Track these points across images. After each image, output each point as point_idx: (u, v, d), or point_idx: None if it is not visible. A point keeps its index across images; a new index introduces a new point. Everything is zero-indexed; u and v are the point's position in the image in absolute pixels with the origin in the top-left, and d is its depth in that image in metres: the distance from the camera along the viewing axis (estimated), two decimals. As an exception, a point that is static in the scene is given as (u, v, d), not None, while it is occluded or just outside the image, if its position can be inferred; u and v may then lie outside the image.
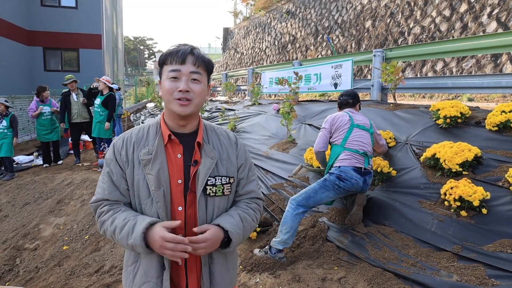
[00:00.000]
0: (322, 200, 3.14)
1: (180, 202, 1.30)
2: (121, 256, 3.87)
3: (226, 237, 1.29)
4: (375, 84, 5.68)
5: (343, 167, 3.09)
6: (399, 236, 2.96)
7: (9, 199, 6.24)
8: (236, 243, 1.31)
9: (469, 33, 8.99)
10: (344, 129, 3.27)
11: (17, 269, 4.32)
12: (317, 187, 3.11)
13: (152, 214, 1.28)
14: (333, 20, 14.96)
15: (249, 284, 2.78)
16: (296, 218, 3.02)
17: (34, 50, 14.77)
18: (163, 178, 1.28)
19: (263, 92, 8.87)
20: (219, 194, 1.33)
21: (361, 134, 3.26)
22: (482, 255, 2.49)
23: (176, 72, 1.26)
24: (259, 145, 5.47)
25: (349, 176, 3.05)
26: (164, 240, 1.16)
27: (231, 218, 1.33)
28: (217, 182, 1.32)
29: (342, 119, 3.33)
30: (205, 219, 1.31)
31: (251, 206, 1.44)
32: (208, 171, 1.31)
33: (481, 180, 3.02)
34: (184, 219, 1.30)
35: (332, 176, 3.10)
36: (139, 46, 65.32)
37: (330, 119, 3.37)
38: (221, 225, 1.28)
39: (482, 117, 3.77)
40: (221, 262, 1.36)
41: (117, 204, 1.32)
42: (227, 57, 26.28)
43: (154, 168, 1.28)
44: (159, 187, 1.27)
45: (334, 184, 3.07)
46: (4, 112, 7.24)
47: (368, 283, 2.55)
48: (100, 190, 1.33)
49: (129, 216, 1.25)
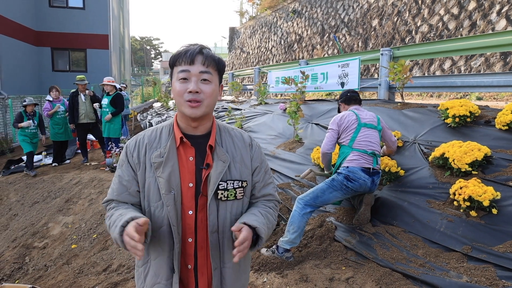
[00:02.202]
0: (330, 200, 3.12)
1: (191, 206, 1.28)
2: (128, 255, 3.89)
3: (254, 234, 1.24)
4: (383, 83, 5.64)
5: (352, 167, 3.06)
6: (407, 236, 2.93)
7: (18, 198, 6.31)
8: (265, 239, 1.27)
9: (478, 31, 8.89)
10: (352, 129, 3.23)
11: (26, 267, 4.37)
12: (324, 187, 3.09)
13: (162, 218, 1.27)
14: (339, 19, 14.88)
15: (256, 284, 2.78)
16: (303, 218, 3.01)
17: (42, 50, 14.92)
18: (174, 181, 1.26)
19: (270, 91, 8.86)
20: (231, 198, 1.31)
21: (369, 133, 3.22)
22: (492, 256, 2.46)
23: (185, 72, 1.24)
24: (266, 144, 5.47)
25: (357, 177, 3.03)
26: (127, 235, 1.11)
27: (254, 216, 1.29)
28: (229, 187, 1.30)
29: (349, 119, 3.27)
30: (216, 223, 1.29)
31: (269, 205, 1.42)
32: (220, 175, 1.28)
33: (491, 180, 2.98)
34: (194, 223, 1.29)
35: (340, 176, 3.08)
36: (145, 46, 65.66)
37: (337, 119, 3.32)
38: (247, 223, 1.23)
39: (492, 116, 3.72)
40: (233, 265, 1.34)
41: (125, 204, 1.32)
42: (233, 56, 26.29)
43: (165, 171, 1.26)
44: (170, 191, 1.26)
45: (342, 184, 3.05)
46: (33, 112, 7.45)
47: (376, 283, 2.54)
48: (110, 191, 1.34)
49: (123, 212, 1.23)
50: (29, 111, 7.41)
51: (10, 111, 11.44)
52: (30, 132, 7.44)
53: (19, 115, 7.40)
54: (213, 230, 1.30)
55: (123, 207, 1.29)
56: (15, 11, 12.80)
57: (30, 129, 7.43)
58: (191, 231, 1.28)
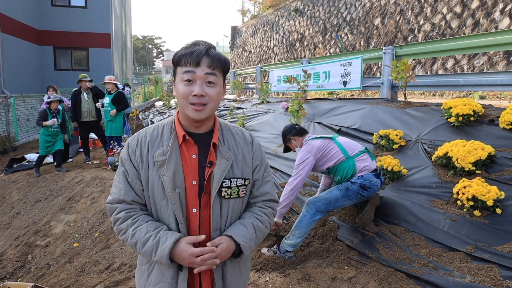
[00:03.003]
0: (342, 207, 3.09)
1: (195, 203, 1.28)
2: (130, 253, 3.89)
3: (237, 249, 1.28)
4: (385, 82, 5.62)
5: (366, 175, 2.98)
6: (410, 235, 2.92)
7: (20, 197, 6.32)
8: (247, 255, 1.31)
9: (481, 30, 8.84)
10: (332, 147, 3.08)
11: (28, 265, 4.38)
12: (339, 195, 2.97)
13: (168, 216, 1.27)
14: (341, 17, 14.84)
15: (258, 283, 2.77)
16: (312, 224, 2.98)
17: (44, 49, 14.94)
18: (178, 179, 1.26)
19: (272, 90, 8.85)
20: (234, 196, 1.31)
21: (342, 138, 3.21)
22: (496, 256, 2.45)
23: (190, 74, 1.21)
24: (268, 143, 5.46)
25: (372, 184, 2.97)
26: (194, 256, 1.18)
27: (244, 229, 1.31)
28: (232, 184, 1.29)
29: (319, 145, 3.09)
30: (219, 221, 1.30)
31: (266, 211, 1.41)
32: (223, 173, 1.28)
33: (495, 179, 2.96)
34: (198, 220, 1.29)
35: (355, 186, 2.96)
36: (147, 45, 65.66)
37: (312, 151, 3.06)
38: (233, 237, 1.27)
39: (496, 115, 3.70)
40: (233, 265, 1.35)
41: (133, 209, 1.29)
42: (235, 55, 26.27)
43: (169, 170, 1.25)
44: (175, 189, 1.25)
45: (358, 193, 2.96)
46: (57, 109, 7.08)
47: (379, 283, 2.52)
48: (116, 190, 1.31)
49: (150, 230, 1.23)
50: (54, 108, 6.98)
51: (13, 110, 11.46)
52: (53, 131, 7.04)
53: (44, 113, 6.95)
54: (216, 227, 1.30)
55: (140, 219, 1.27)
56: (18, 10, 12.83)
57: (54, 127, 7.03)
58: (195, 229, 1.28)
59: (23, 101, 12.34)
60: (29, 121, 12.66)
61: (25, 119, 12.43)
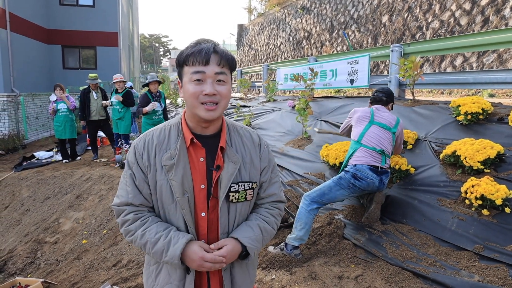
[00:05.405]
0: (337, 198, 3.11)
1: (203, 207, 1.27)
2: (138, 251, 3.93)
3: (244, 251, 1.28)
4: (393, 80, 5.58)
5: (359, 165, 3.04)
6: (417, 234, 2.91)
7: (30, 194, 6.41)
8: (253, 257, 1.31)
9: (491, 27, 8.72)
10: (362, 125, 3.25)
11: (38, 261, 4.45)
12: (332, 184, 3.08)
13: (177, 220, 1.26)
14: (349, 15, 14.75)
15: (265, 281, 2.78)
16: (310, 214, 3.01)
17: (53, 48, 15.08)
18: (187, 184, 1.24)
19: (278, 88, 8.83)
20: (242, 200, 1.30)
21: (380, 132, 3.19)
22: (505, 256, 2.42)
23: (199, 74, 1.18)
24: (275, 141, 5.46)
25: (364, 175, 3.00)
26: (203, 260, 1.19)
27: (251, 231, 1.30)
28: (240, 189, 1.28)
29: (363, 114, 3.33)
30: (226, 225, 1.29)
31: (273, 212, 1.40)
32: (231, 177, 1.26)
33: (504, 178, 2.93)
34: (207, 224, 1.28)
35: (347, 175, 3.06)
36: (154, 43, 65.89)
37: (353, 111, 3.48)
38: (239, 240, 1.26)
39: (505, 113, 3.66)
40: (241, 265, 1.35)
41: (141, 211, 1.29)
42: (241, 53, 26.26)
43: (177, 174, 1.23)
44: (183, 193, 1.23)
45: (349, 182, 3.03)
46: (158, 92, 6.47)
47: (386, 281, 2.52)
48: (124, 193, 1.28)
49: (160, 230, 1.23)
50: (154, 91, 6.04)
51: (22, 109, 11.61)
52: (157, 119, 6.16)
53: (145, 97, 6.09)
54: (224, 231, 1.30)
55: (150, 220, 1.27)
56: (27, 9, 12.95)
57: (158, 114, 6.15)
58: (204, 232, 1.28)
59: (32, 100, 12.49)
60: (38, 119, 12.81)
61: (34, 118, 12.58)
